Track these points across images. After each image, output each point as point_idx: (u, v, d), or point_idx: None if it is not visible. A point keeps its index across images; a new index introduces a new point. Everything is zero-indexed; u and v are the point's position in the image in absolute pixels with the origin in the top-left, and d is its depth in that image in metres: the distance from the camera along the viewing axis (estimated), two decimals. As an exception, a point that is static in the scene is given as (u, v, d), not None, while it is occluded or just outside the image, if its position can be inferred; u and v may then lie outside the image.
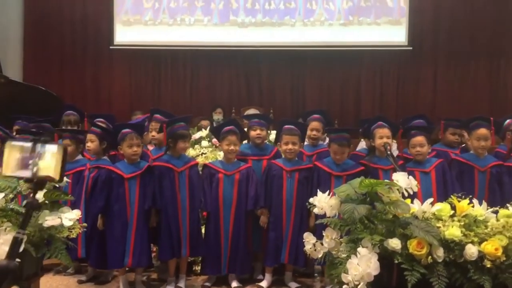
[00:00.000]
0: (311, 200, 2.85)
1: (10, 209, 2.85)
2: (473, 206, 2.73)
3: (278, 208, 4.08)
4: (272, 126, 5.21)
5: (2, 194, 2.85)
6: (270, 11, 8.81)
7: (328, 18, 8.77)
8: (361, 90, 9.12)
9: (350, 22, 8.75)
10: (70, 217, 2.87)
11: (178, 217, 4.06)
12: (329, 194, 2.81)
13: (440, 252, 2.50)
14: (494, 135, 4.49)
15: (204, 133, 5.16)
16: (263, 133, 4.38)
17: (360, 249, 2.53)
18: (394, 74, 9.08)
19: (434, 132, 4.79)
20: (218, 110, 7.99)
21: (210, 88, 9.27)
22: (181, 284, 4.15)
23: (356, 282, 2.46)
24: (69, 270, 4.43)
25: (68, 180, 3.53)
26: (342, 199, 2.73)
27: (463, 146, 4.85)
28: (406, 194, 2.72)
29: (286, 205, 4.07)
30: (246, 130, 4.50)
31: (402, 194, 2.72)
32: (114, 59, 9.31)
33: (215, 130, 4.61)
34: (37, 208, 2.16)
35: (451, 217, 2.67)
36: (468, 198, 2.76)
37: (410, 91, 9.07)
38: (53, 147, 1.71)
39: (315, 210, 2.83)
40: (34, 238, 2.84)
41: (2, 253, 2.43)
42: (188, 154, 4.92)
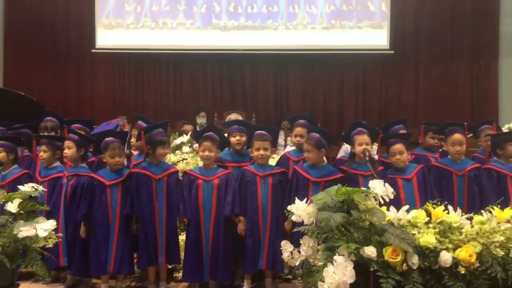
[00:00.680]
0: (289, 207, 2.87)
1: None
2: (448, 213, 2.77)
3: (254, 214, 4.07)
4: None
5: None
6: (252, 15, 8.81)
7: (310, 22, 8.78)
8: (344, 94, 9.16)
9: (332, 26, 8.78)
10: (45, 227, 2.84)
11: (155, 224, 4.05)
12: (307, 200, 2.82)
13: (415, 259, 2.52)
14: (471, 139, 4.57)
15: (185, 138, 5.14)
16: (243, 139, 4.38)
17: (336, 257, 2.54)
18: (377, 78, 9.14)
19: (414, 135, 4.84)
20: (202, 113, 7.95)
21: (193, 91, 9.23)
22: (161, 291, 4.13)
23: (332, 290, 2.47)
24: (47, 278, 4.38)
25: (44, 189, 3.49)
26: (319, 207, 2.75)
27: (443, 150, 4.91)
28: (382, 202, 2.74)
29: (262, 210, 4.06)
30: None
31: (384, 201, 2.74)
32: (96, 63, 9.22)
33: (196, 136, 4.61)
34: None
35: (427, 224, 2.71)
36: (443, 204, 2.81)
37: (393, 94, 9.14)
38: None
39: (293, 218, 2.84)
40: (8, 249, 2.81)
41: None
42: (169, 159, 4.91)
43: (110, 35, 8.93)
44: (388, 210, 2.75)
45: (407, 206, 2.76)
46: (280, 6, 8.79)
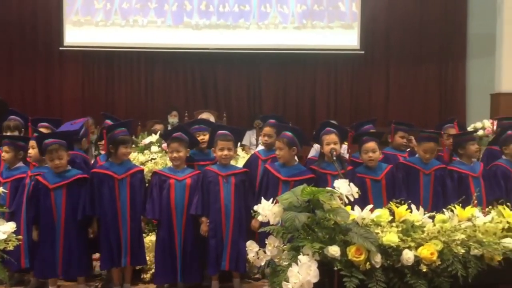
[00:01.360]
0: (255, 207, 2.86)
1: None
2: (411, 212, 2.80)
3: (217, 214, 4.05)
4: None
5: None
6: (224, 14, 8.78)
7: (282, 21, 8.81)
8: (316, 94, 9.22)
9: (303, 26, 8.83)
10: (4, 230, 2.76)
11: (118, 225, 4.00)
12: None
13: (378, 258, 2.54)
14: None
15: (154, 138, 5.08)
16: (206, 137, 4.37)
17: (300, 256, 2.54)
18: (348, 78, 9.24)
19: (384, 135, 4.89)
20: (174, 113, 7.90)
21: (165, 90, 9.14)
22: (125, 293, 4.09)
23: (296, 290, 2.47)
24: (7, 281, 4.26)
25: (5, 190, 3.40)
26: (285, 207, 2.74)
27: (411, 149, 4.98)
28: (347, 201, 2.75)
29: (224, 210, 4.05)
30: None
31: (349, 200, 2.75)
32: (65, 61, 9.02)
33: (164, 136, 4.56)
34: None
35: (390, 223, 2.74)
36: (407, 203, 2.84)
37: (364, 95, 9.26)
38: None
39: (259, 218, 2.83)
40: (-34, 252, 2.72)
41: None
42: (137, 160, 4.84)
43: (79, 33, 8.75)
44: (353, 209, 2.77)
45: (371, 206, 2.78)
46: (252, 5, 8.79)
